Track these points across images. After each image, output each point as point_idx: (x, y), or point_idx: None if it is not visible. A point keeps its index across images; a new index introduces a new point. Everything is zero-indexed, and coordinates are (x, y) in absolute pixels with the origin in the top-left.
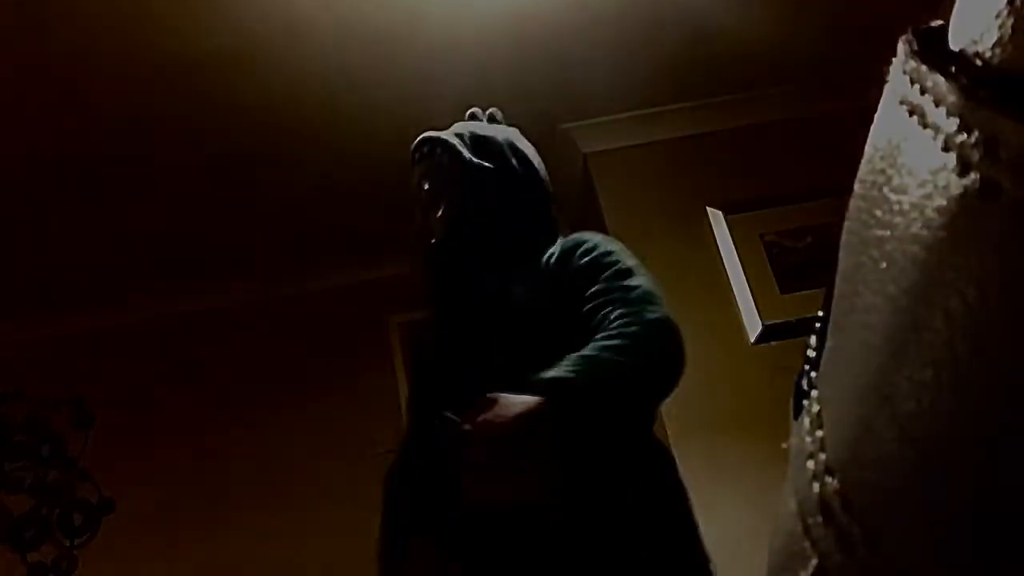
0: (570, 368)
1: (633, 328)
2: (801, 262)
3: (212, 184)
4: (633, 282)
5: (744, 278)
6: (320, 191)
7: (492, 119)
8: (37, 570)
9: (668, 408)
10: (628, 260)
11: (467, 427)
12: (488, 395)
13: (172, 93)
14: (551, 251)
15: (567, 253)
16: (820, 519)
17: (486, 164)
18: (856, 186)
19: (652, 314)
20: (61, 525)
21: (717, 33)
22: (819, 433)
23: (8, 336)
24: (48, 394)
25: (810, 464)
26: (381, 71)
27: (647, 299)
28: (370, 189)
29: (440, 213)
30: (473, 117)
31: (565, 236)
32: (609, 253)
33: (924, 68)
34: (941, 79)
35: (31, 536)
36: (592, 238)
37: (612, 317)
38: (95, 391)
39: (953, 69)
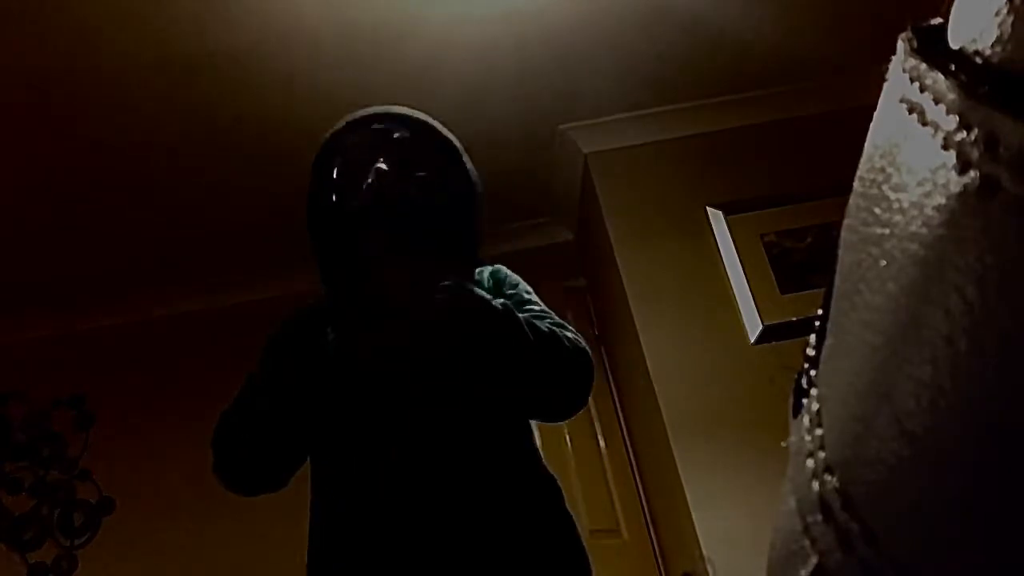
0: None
1: (565, 333)
2: (801, 262)
3: (212, 184)
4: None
5: (744, 278)
6: None
7: None
8: (37, 570)
9: (668, 408)
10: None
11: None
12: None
13: (172, 94)
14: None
15: (499, 283)
16: (820, 517)
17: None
18: (856, 184)
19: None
20: (61, 525)
21: (717, 33)
22: (818, 431)
23: (8, 336)
24: (48, 394)
25: (809, 462)
26: (383, 72)
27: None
28: None
29: (420, 174)
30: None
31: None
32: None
33: (924, 66)
34: (941, 77)
35: (31, 536)
36: (513, 275)
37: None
38: (95, 391)
39: (953, 67)
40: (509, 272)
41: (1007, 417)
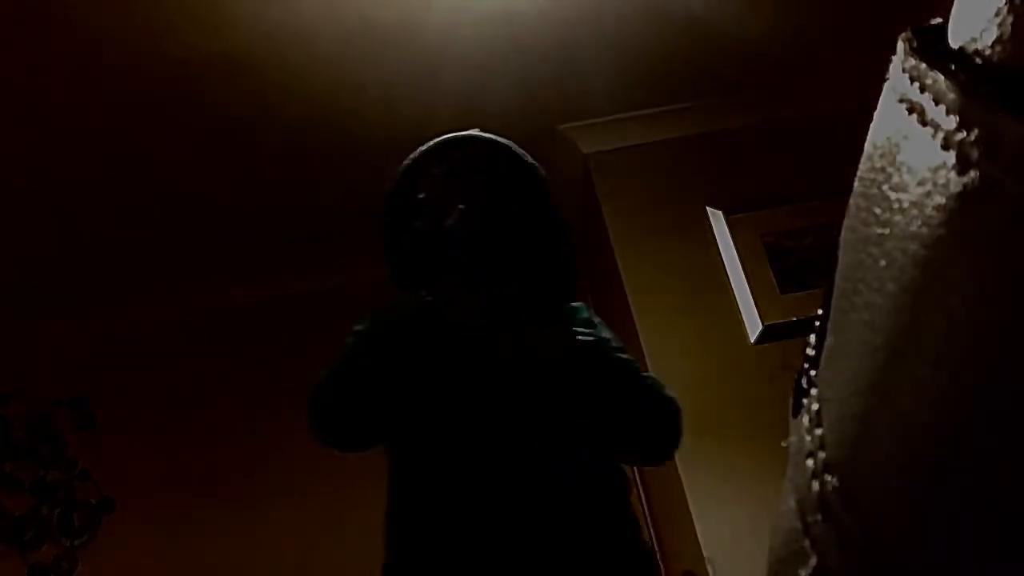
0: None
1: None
2: (801, 262)
3: (212, 184)
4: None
5: (744, 278)
6: (320, 191)
7: None
8: (37, 570)
9: None
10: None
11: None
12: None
13: (173, 94)
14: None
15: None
16: (820, 517)
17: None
18: (856, 184)
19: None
20: (61, 525)
21: (717, 33)
22: (818, 431)
23: (8, 336)
24: (48, 394)
25: (810, 462)
26: (382, 72)
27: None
28: (371, 189)
29: (505, 210)
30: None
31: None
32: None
33: (924, 66)
34: (941, 77)
35: (31, 536)
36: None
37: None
38: (95, 391)
39: (953, 67)
40: (592, 312)
41: (1007, 417)
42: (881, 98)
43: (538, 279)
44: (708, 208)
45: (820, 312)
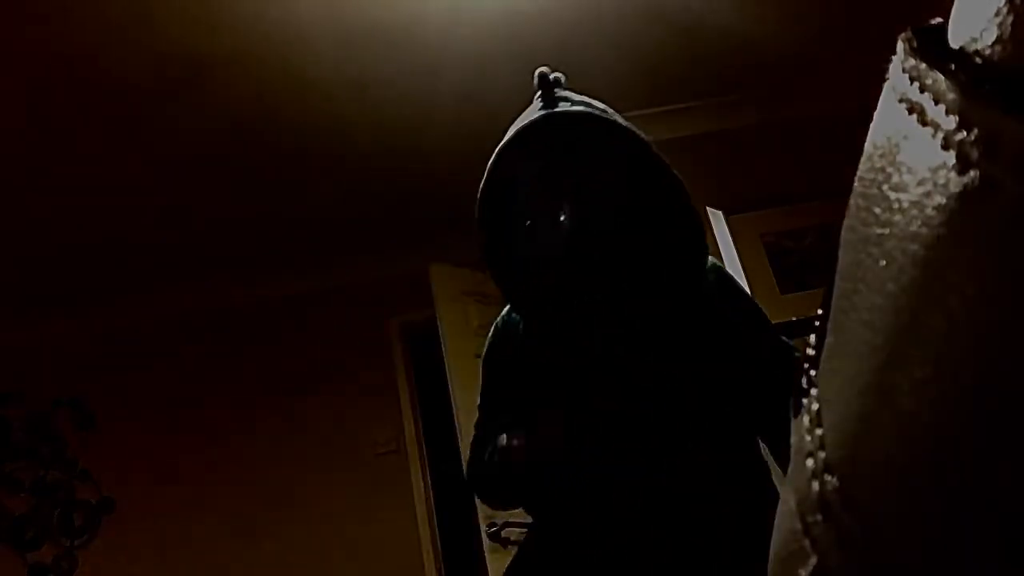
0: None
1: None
2: (801, 262)
3: (211, 185)
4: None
5: (744, 278)
6: (320, 192)
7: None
8: (37, 570)
9: None
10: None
11: None
12: None
13: (173, 95)
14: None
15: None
16: (820, 517)
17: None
18: (856, 184)
19: None
20: (61, 525)
21: (718, 33)
22: (818, 431)
23: (8, 336)
24: (48, 394)
25: (809, 462)
26: (381, 71)
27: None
28: (369, 190)
29: (609, 208)
30: (557, 83)
31: None
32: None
33: (924, 66)
34: (941, 77)
35: (31, 536)
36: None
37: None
38: (95, 391)
39: (953, 67)
40: (725, 272)
41: (1007, 417)
42: (881, 98)
43: (661, 250)
44: (708, 208)
45: (820, 312)
